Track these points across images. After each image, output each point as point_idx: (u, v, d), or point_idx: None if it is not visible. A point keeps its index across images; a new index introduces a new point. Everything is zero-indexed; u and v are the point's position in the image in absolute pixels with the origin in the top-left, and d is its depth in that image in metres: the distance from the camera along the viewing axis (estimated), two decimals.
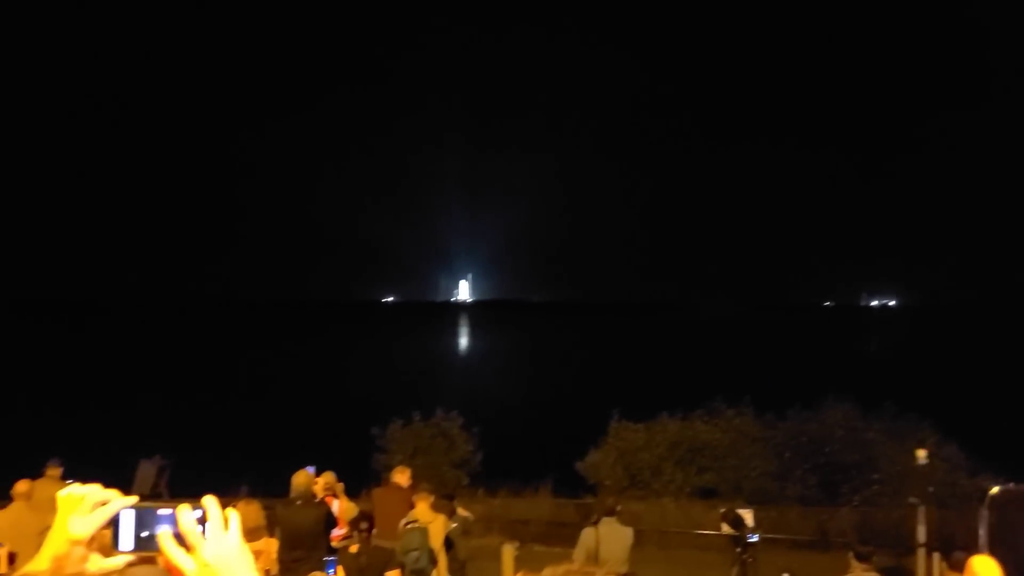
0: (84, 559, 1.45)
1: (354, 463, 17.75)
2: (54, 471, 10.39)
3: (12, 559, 7.88)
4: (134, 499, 1.53)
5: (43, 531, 6.13)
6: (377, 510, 9.46)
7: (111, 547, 1.59)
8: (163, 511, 1.58)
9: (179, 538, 1.36)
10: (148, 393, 44.96)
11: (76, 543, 1.45)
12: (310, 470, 9.70)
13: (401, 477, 10.40)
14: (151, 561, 1.81)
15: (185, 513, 1.36)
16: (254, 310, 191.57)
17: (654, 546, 15.98)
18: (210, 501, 1.39)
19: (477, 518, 15.49)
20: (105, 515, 1.47)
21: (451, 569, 9.65)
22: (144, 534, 1.60)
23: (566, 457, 21.00)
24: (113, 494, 1.50)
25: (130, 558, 1.52)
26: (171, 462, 9.90)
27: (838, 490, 18.69)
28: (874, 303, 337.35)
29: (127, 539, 1.58)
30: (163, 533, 1.35)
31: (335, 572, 5.29)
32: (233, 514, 1.38)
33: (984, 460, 17.71)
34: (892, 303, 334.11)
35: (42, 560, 1.45)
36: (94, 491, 1.49)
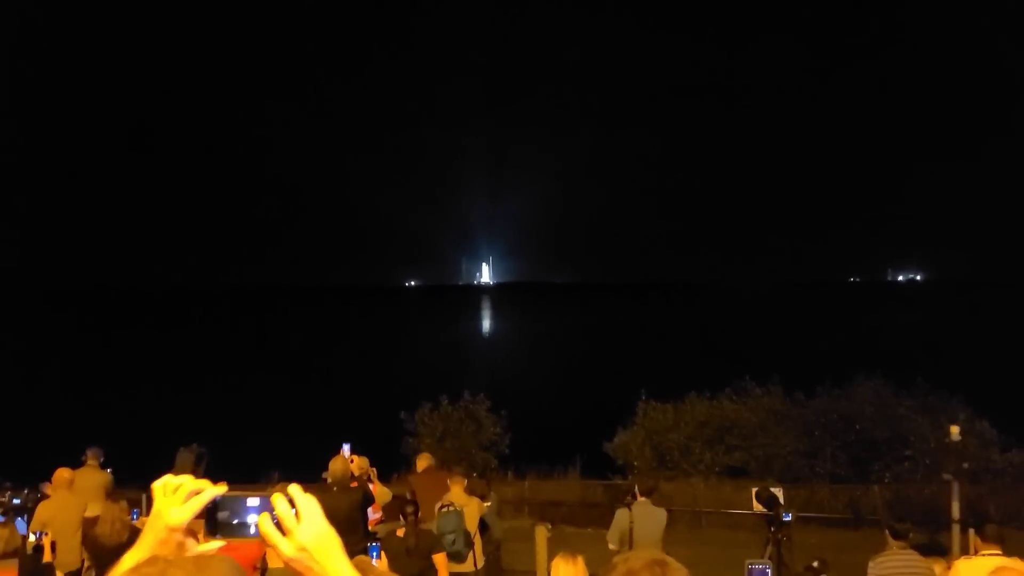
0: (181, 545, 1.53)
1: (383, 447, 17.91)
2: (94, 459, 10.48)
3: (54, 547, 8.00)
4: (224, 488, 1.60)
5: (85, 518, 6.20)
6: (415, 494, 9.55)
7: (204, 534, 1.66)
8: (252, 500, 1.66)
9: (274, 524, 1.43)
10: (179, 380, 45.52)
11: (174, 530, 1.53)
12: (345, 448, 9.70)
13: (425, 463, 10.69)
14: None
15: (280, 500, 1.42)
16: (280, 295, 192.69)
17: (685, 526, 16.04)
18: (295, 489, 1.46)
19: (507, 500, 15.62)
20: (200, 503, 1.55)
21: (486, 551, 9.73)
22: (235, 521, 1.68)
23: (594, 439, 21.07)
24: (206, 483, 1.58)
25: (222, 543, 1.59)
26: (207, 450, 10.00)
27: (869, 467, 18.64)
28: (900, 278, 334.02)
29: (218, 526, 1.66)
30: (264, 518, 1.42)
31: (379, 555, 5.36)
32: (312, 501, 1.45)
33: (1016, 436, 17.59)
34: (918, 278, 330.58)
35: (143, 548, 1.52)
36: (188, 480, 1.56)
